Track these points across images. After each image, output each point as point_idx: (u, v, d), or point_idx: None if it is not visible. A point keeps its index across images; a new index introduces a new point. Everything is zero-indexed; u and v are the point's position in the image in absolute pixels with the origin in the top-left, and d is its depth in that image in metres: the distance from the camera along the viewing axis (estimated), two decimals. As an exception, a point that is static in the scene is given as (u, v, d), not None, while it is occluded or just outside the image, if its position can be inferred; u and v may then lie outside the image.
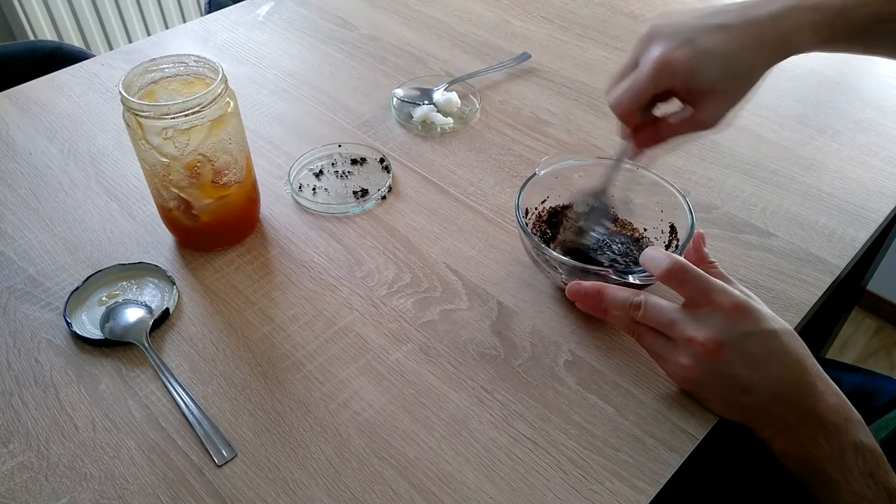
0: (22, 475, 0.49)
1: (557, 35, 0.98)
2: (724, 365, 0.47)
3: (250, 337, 0.58)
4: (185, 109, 0.55)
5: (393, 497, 0.47)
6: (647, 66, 0.51)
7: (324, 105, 0.84)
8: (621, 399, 0.53)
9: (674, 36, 0.51)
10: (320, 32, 0.99)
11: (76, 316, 0.59)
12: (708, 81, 0.51)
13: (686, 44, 0.51)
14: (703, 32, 0.51)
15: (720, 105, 0.53)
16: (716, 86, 0.52)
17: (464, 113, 0.83)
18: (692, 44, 0.50)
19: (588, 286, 0.53)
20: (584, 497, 0.47)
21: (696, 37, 0.51)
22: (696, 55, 0.50)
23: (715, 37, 0.51)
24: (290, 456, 0.50)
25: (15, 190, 0.72)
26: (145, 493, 0.48)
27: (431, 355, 0.56)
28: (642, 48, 0.53)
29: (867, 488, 0.45)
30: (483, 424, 0.51)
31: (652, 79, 0.51)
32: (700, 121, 0.53)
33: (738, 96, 0.53)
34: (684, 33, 0.51)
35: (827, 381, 0.48)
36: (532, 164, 0.75)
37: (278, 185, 0.73)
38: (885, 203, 0.70)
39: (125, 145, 0.78)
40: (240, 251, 0.66)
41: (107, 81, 0.89)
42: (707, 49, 0.50)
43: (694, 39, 0.51)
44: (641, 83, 0.52)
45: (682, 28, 0.51)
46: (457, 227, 0.68)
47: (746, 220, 0.68)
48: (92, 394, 0.54)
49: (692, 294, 0.49)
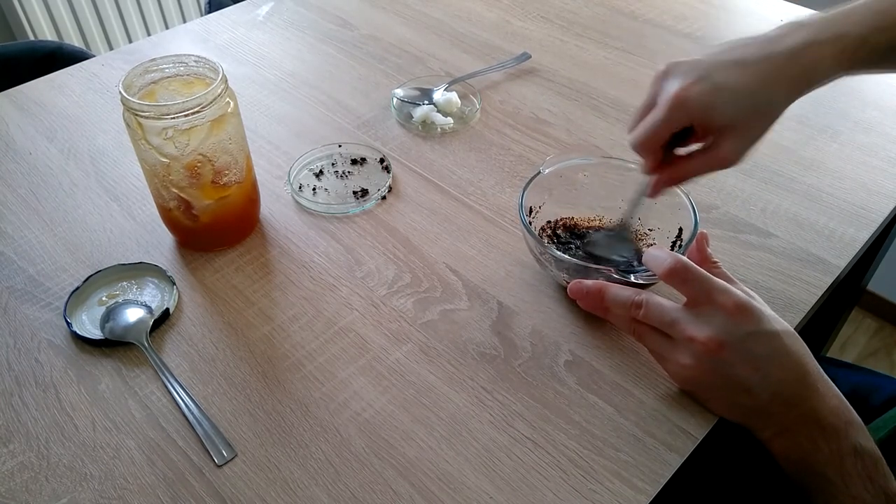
0: (22, 475, 0.49)
1: (557, 35, 0.98)
2: (725, 365, 0.47)
3: (250, 337, 0.58)
4: (185, 109, 0.55)
5: (393, 497, 0.47)
6: (664, 104, 0.51)
7: (324, 105, 0.84)
8: (621, 399, 0.53)
9: (690, 72, 0.51)
10: (320, 32, 0.99)
11: (76, 316, 0.59)
12: (725, 117, 0.50)
13: (702, 80, 0.50)
14: (721, 68, 0.50)
15: (740, 141, 0.52)
16: (734, 122, 0.51)
17: (464, 113, 0.83)
18: (708, 80, 0.50)
19: (590, 285, 0.53)
20: (584, 497, 0.47)
21: (713, 73, 0.50)
22: (712, 91, 0.50)
23: (732, 72, 0.50)
24: (290, 456, 0.50)
25: (15, 190, 0.72)
26: (145, 493, 0.48)
27: (431, 355, 0.56)
28: (659, 86, 0.53)
29: (866, 492, 0.45)
30: (483, 424, 0.51)
31: (668, 115, 0.51)
32: (720, 158, 0.52)
33: (759, 132, 0.52)
34: (701, 69, 0.50)
35: (828, 384, 0.48)
36: (532, 164, 0.75)
37: (278, 185, 0.73)
38: (885, 203, 0.70)
39: (125, 145, 0.77)
40: (240, 251, 0.66)
41: (107, 81, 0.89)
42: (724, 85, 0.50)
43: (711, 75, 0.50)
44: (659, 121, 0.51)
45: (698, 65, 0.51)
46: (457, 227, 0.68)
47: (746, 220, 0.68)
48: (92, 394, 0.54)
49: (694, 293, 0.49)
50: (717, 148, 0.52)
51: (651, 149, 0.54)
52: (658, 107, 0.52)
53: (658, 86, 0.53)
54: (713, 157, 0.53)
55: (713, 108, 0.50)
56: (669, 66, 0.52)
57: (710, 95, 0.50)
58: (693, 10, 1.03)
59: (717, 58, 0.51)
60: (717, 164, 0.53)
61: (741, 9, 1.04)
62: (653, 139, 0.53)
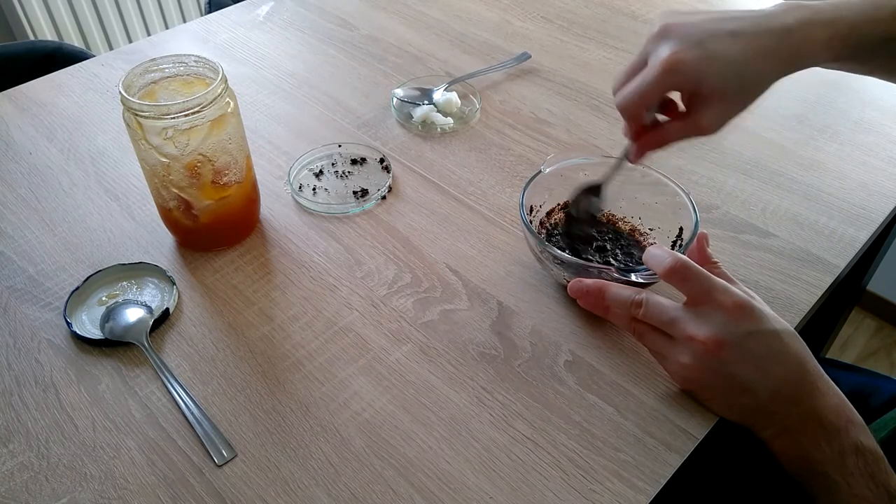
0: (22, 475, 0.49)
1: (557, 35, 0.98)
2: (725, 364, 0.47)
3: (250, 337, 0.58)
4: (185, 109, 0.55)
5: (393, 497, 0.47)
6: (657, 66, 0.51)
7: (324, 105, 0.84)
8: (621, 399, 0.53)
9: (685, 37, 0.50)
10: (320, 32, 0.99)
11: (76, 316, 0.59)
12: (714, 86, 0.51)
13: (697, 46, 0.50)
14: (716, 37, 0.50)
15: (723, 111, 0.52)
16: (722, 92, 0.51)
17: (464, 113, 0.83)
18: (703, 46, 0.50)
19: (590, 284, 0.53)
20: (584, 497, 0.47)
21: (708, 40, 0.50)
22: (705, 58, 0.50)
23: (727, 42, 0.50)
24: (290, 456, 0.50)
25: (15, 190, 0.72)
26: (145, 493, 0.48)
27: (431, 355, 0.56)
28: (652, 47, 0.52)
29: (868, 490, 0.45)
30: (483, 424, 0.51)
31: (660, 78, 0.51)
32: (701, 126, 0.53)
33: (742, 105, 0.52)
34: (696, 35, 0.50)
35: (828, 383, 0.48)
36: (532, 164, 0.75)
37: (278, 185, 0.73)
38: (885, 203, 0.70)
39: (125, 145, 0.78)
40: (240, 251, 0.66)
41: (107, 81, 0.89)
42: (717, 54, 0.50)
43: (705, 42, 0.50)
44: (649, 82, 0.51)
45: (694, 30, 0.51)
46: (457, 227, 0.68)
47: (746, 220, 0.68)
48: (92, 394, 0.54)
49: (694, 292, 0.49)
50: (699, 116, 0.52)
51: (637, 111, 0.54)
52: (649, 68, 0.51)
53: (650, 47, 0.52)
54: (693, 125, 0.53)
55: (704, 75, 0.50)
56: (664, 27, 0.52)
57: (703, 63, 0.50)
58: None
59: (713, 26, 0.51)
60: (696, 131, 0.53)
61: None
62: (642, 100, 0.52)
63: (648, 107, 0.54)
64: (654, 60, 0.51)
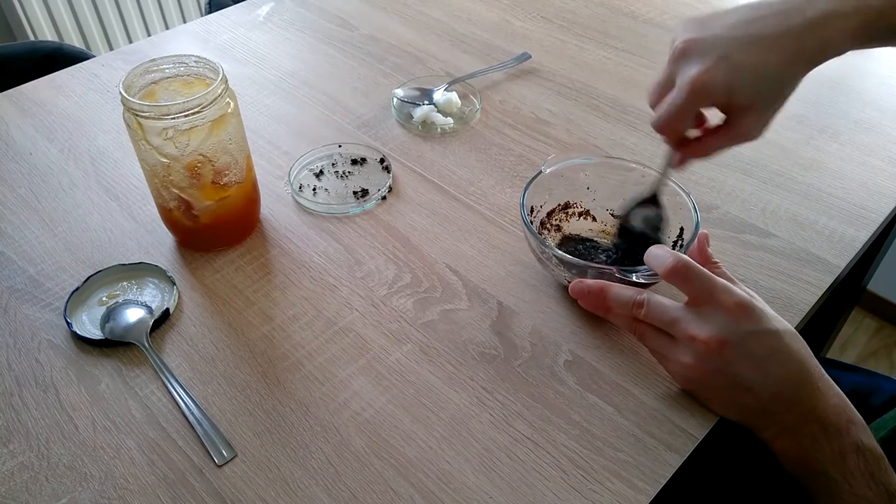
0: (22, 475, 0.49)
1: (557, 35, 0.98)
2: (726, 364, 0.47)
3: (250, 337, 0.58)
4: (185, 110, 0.55)
5: (393, 497, 0.47)
6: (685, 88, 0.50)
7: (324, 105, 0.84)
8: (621, 399, 0.53)
9: (708, 52, 0.50)
10: (320, 32, 0.99)
11: (76, 316, 0.59)
12: (745, 97, 0.50)
13: (722, 60, 0.49)
14: (739, 46, 0.49)
15: (760, 117, 0.52)
16: (753, 101, 0.51)
17: (464, 113, 0.83)
18: (728, 60, 0.49)
19: (591, 284, 0.53)
20: (584, 497, 0.47)
21: (732, 52, 0.49)
22: (732, 72, 0.49)
23: (751, 50, 0.49)
24: (290, 456, 0.50)
25: (15, 190, 0.72)
26: (145, 493, 0.48)
27: (431, 355, 0.56)
28: (676, 66, 0.52)
29: (868, 490, 0.45)
30: (483, 424, 0.51)
31: (689, 99, 0.51)
32: (742, 134, 0.53)
33: (777, 106, 0.52)
34: (719, 49, 0.50)
35: (829, 382, 0.48)
36: (532, 163, 0.75)
37: (278, 185, 0.73)
38: (885, 203, 0.70)
39: (125, 145, 0.78)
40: (240, 251, 0.66)
41: (107, 82, 0.89)
42: (743, 65, 0.49)
43: (730, 55, 0.49)
44: (679, 105, 0.51)
45: (716, 42, 0.50)
46: (457, 227, 0.68)
47: (746, 220, 0.68)
48: (92, 394, 0.54)
49: (695, 292, 0.48)
50: (738, 125, 0.53)
51: (672, 130, 0.54)
52: (678, 90, 0.51)
53: (675, 65, 0.52)
54: (735, 134, 0.53)
55: (733, 90, 0.50)
56: (686, 44, 0.51)
57: (730, 77, 0.50)
58: (693, 11, 1.03)
59: (734, 33, 0.50)
60: (740, 139, 0.54)
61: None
62: (676, 122, 0.53)
63: (684, 126, 0.54)
64: (681, 82, 0.51)
